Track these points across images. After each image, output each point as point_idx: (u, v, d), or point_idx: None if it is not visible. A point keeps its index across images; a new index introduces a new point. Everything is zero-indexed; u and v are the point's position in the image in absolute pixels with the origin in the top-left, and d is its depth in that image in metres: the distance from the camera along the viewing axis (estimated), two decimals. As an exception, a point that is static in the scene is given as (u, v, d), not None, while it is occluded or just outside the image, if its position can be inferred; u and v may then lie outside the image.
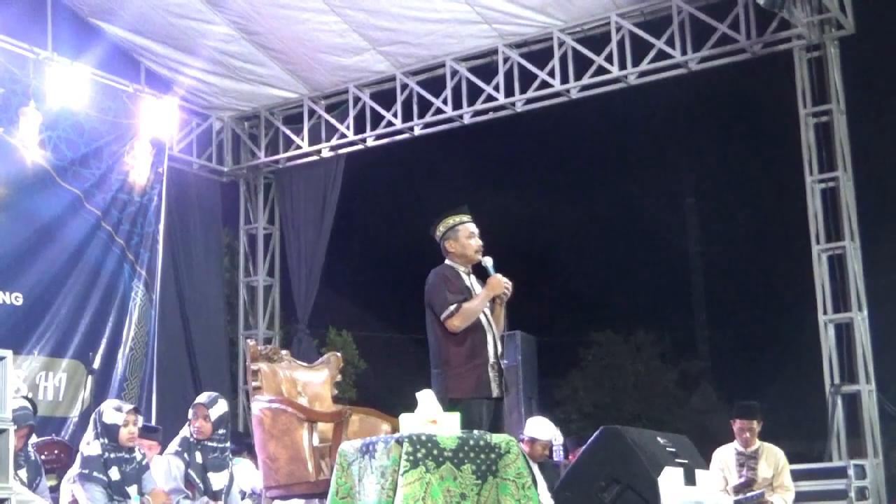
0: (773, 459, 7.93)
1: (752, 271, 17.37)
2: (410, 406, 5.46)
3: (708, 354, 23.44)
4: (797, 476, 8.10)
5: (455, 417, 5.19)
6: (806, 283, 9.46)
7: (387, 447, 4.92)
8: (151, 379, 10.57)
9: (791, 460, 8.58)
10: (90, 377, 9.37)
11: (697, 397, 21.81)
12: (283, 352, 6.62)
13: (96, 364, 9.96)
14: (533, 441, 8.10)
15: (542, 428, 8.19)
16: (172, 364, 11.12)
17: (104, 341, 10.24)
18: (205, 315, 11.62)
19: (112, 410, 6.31)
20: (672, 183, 21.75)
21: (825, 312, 9.27)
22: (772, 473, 7.89)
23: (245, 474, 7.69)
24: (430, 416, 5.12)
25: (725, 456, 8.06)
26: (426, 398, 5.21)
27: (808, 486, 8.24)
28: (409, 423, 5.10)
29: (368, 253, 18.05)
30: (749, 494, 7.64)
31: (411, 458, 4.80)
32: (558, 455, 8.73)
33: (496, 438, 5.12)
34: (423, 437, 4.90)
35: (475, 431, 5.17)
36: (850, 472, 8.25)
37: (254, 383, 6.07)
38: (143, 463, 6.42)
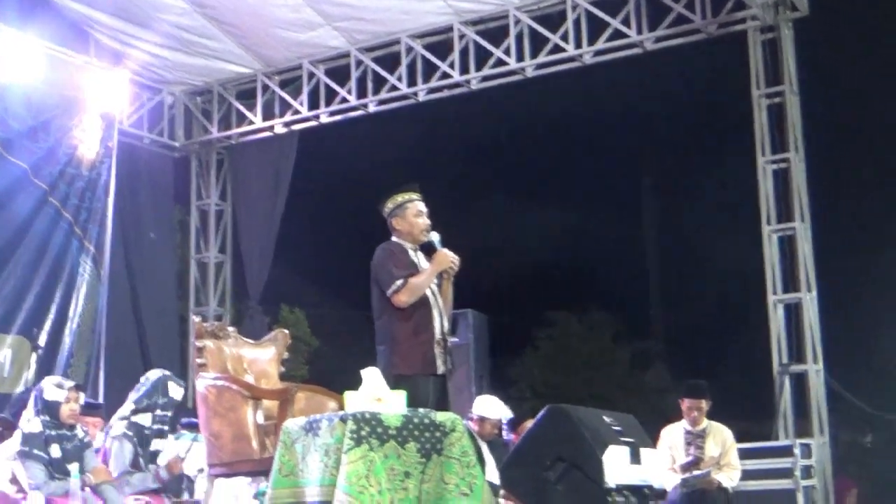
0: (720, 438, 7.98)
1: (707, 251, 17.45)
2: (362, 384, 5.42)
3: (662, 334, 23.58)
4: (744, 455, 8.16)
5: (400, 395, 5.15)
6: (758, 263, 9.51)
7: (331, 425, 4.88)
8: (99, 355, 10.43)
9: (741, 439, 8.66)
10: (35, 353, 9.23)
11: (651, 376, 21.93)
12: (230, 328, 6.54)
13: (42, 340, 9.83)
14: (482, 419, 8.09)
15: (491, 406, 8.18)
16: (121, 341, 10.99)
17: (51, 317, 10.08)
18: (155, 292, 11.49)
19: (53, 387, 6.22)
20: (629, 163, 21.78)
21: (775, 293, 9.33)
22: (719, 452, 7.94)
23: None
24: (374, 394, 5.08)
25: (673, 435, 8.11)
26: (371, 376, 5.17)
27: (754, 464, 8.30)
28: (354, 401, 5.06)
29: (322, 230, 17.96)
30: (695, 473, 7.68)
31: (355, 436, 4.77)
32: (508, 434, 8.73)
33: (441, 417, 5.09)
34: (368, 415, 4.86)
35: (420, 409, 5.14)
36: (797, 450, 8.31)
37: (199, 360, 5.99)
38: (85, 440, 6.35)
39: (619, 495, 5.63)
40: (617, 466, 5.60)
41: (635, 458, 5.79)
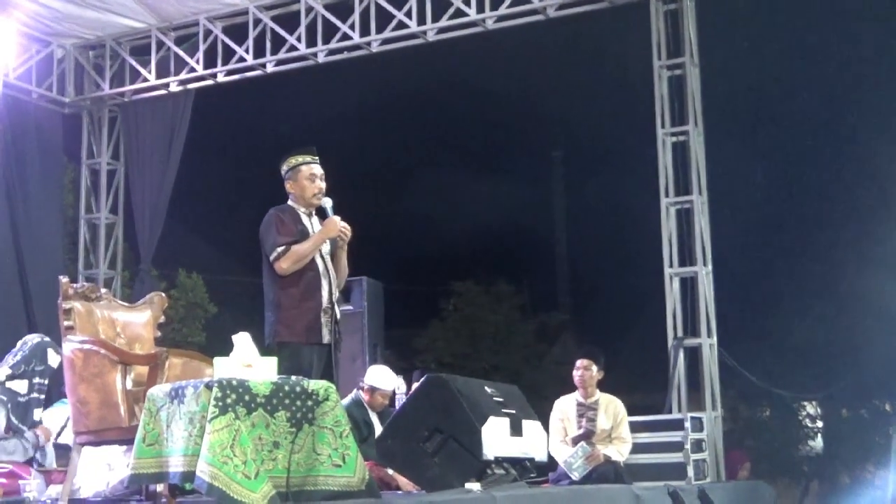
0: (612, 411, 7.98)
1: (612, 224, 17.50)
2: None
3: (569, 307, 23.68)
4: (636, 427, 8.15)
5: (272, 362, 4.96)
6: (658, 236, 9.47)
7: (196, 392, 4.68)
8: (-19, 317, 10.04)
9: (641, 412, 8.65)
10: None
11: (558, 349, 22.00)
12: (103, 290, 6.28)
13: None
14: (373, 390, 7.94)
15: (383, 377, 8.02)
16: (4, 302, 10.59)
17: (-72, 276, 9.68)
18: (41, 252, 11.04)
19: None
20: (538, 135, 21.75)
21: (671, 266, 9.31)
22: (610, 425, 7.93)
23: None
24: (244, 360, 4.88)
25: (566, 406, 8.08)
26: (242, 341, 4.96)
27: (646, 437, 8.28)
28: (223, 367, 4.85)
29: (222, 194, 17.61)
30: (576, 449, 7.63)
31: (220, 403, 4.56)
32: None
33: (314, 385, 4.92)
34: (235, 382, 4.66)
35: (292, 377, 4.96)
36: (687, 424, 8.30)
37: (65, 322, 5.72)
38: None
39: (498, 467, 5.51)
40: (496, 438, 5.48)
41: (516, 430, 5.67)
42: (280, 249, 5.75)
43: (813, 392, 13.11)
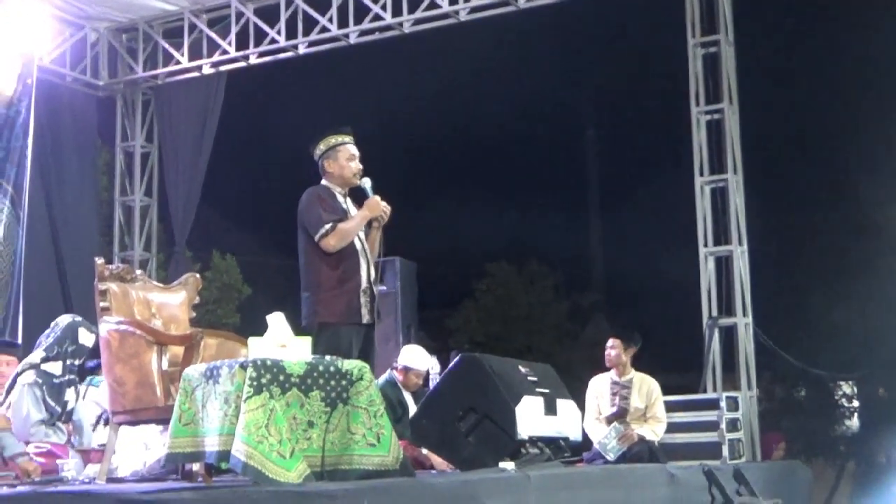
0: (645, 390, 7.95)
1: (647, 203, 17.40)
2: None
3: (602, 287, 23.61)
4: (671, 407, 8.13)
5: (306, 342, 4.97)
6: (692, 215, 9.41)
7: (231, 372, 4.70)
8: (18, 299, 10.08)
9: (674, 392, 8.63)
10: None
11: (591, 329, 21.95)
12: (139, 272, 6.33)
13: (-43, 283, 9.52)
14: (407, 370, 7.95)
15: (416, 357, 8.03)
16: (42, 285, 10.64)
17: (-34, 259, 9.77)
18: (77, 234, 11.14)
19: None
20: (572, 114, 21.64)
21: (706, 245, 9.25)
22: (644, 404, 7.90)
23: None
24: (279, 341, 4.89)
25: (600, 385, 8.06)
26: (277, 321, 4.98)
27: (681, 417, 8.28)
28: (257, 348, 4.88)
29: (256, 176, 17.66)
30: (609, 430, 7.62)
31: (255, 383, 4.58)
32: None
33: (348, 364, 4.93)
34: (269, 362, 4.68)
35: (326, 357, 4.97)
36: (723, 403, 8.27)
37: (101, 304, 5.77)
38: (-20, 386, 6.10)
39: (532, 447, 5.51)
40: (531, 417, 5.47)
41: (550, 410, 5.66)
42: (328, 227, 5.75)
43: (850, 372, 12.99)
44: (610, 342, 8.00)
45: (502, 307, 19.95)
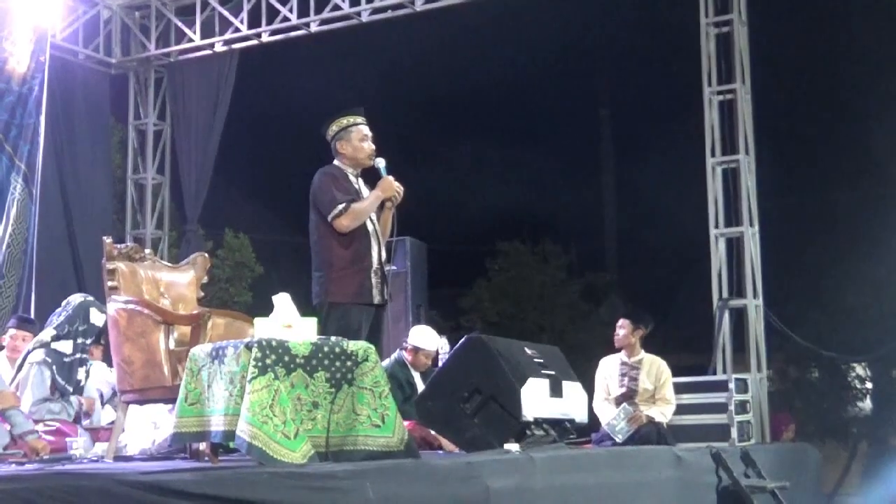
0: (654, 371, 7.94)
1: (661, 183, 17.31)
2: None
3: (616, 267, 23.50)
4: (680, 388, 8.12)
5: (311, 323, 4.99)
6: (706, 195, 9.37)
7: (236, 352, 4.73)
8: (31, 277, 10.12)
9: (687, 373, 8.62)
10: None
11: (605, 309, 21.89)
12: (147, 251, 6.36)
13: (-31, 261, 9.57)
14: (416, 350, 7.94)
15: (426, 337, 8.02)
16: (54, 262, 10.69)
17: (-21, 237, 9.81)
18: (90, 212, 11.17)
19: (-44, 311, 6.00)
20: (585, 93, 21.48)
21: (717, 226, 9.22)
22: (653, 385, 7.89)
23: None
24: (284, 321, 4.91)
25: (610, 365, 8.07)
26: (283, 302, 4.99)
27: (690, 398, 8.27)
28: (263, 328, 4.90)
29: (269, 154, 17.63)
30: (618, 411, 7.62)
31: (260, 364, 4.61)
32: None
33: (353, 346, 4.94)
34: (274, 343, 4.70)
35: (332, 338, 4.99)
36: (731, 385, 8.26)
37: (109, 283, 5.81)
38: (-9, 364, 6.14)
39: (537, 428, 5.51)
40: (536, 399, 5.47)
41: (556, 391, 5.66)
42: (341, 207, 5.76)
43: (862, 353, 12.94)
44: (619, 322, 8.01)
45: (515, 286, 19.85)
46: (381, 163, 5.96)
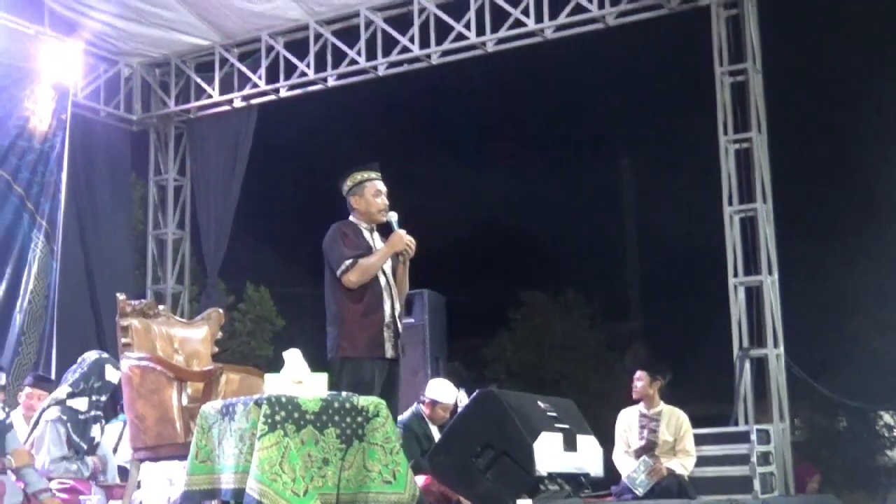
0: (674, 423, 7.84)
1: (682, 232, 17.28)
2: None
3: (640, 315, 23.40)
4: (701, 440, 8.01)
5: (322, 378, 4.96)
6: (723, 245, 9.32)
7: (246, 409, 4.70)
8: (52, 333, 10.20)
9: (711, 423, 8.52)
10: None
11: (629, 359, 21.75)
12: (161, 307, 6.35)
13: (-9, 318, 9.63)
14: (434, 403, 7.89)
15: (443, 390, 7.98)
16: (75, 318, 10.75)
17: (0, 294, 9.86)
18: (111, 268, 11.23)
19: (-28, 368, 6.02)
20: (606, 143, 21.57)
21: (735, 275, 9.16)
22: (673, 437, 7.79)
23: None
24: (294, 377, 4.89)
25: (629, 417, 7.98)
26: (293, 357, 4.98)
27: (711, 450, 8.15)
28: (273, 384, 4.87)
29: (289, 208, 17.74)
30: (638, 464, 7.53)
31: (269, 420, 4.58)
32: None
33: (364, 401, 4.91)
34: (284, 399, 4.67)
35: (342, 393, 4.96)
36: (753, 436, 8.14)
37: (123, 339, 5.80)
38: (7, 422, 6.14)
39: (551, 483, 5.45)
40: (549, 453, 5.41)
41: (570, 445, 5.60)
42: (348, 262, 5.76)
43: (891, 401, 12.79)
44: (637, 374, 7.93)
45: (538, 336, 19.81)
46: (393, 217, 5.97)
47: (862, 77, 12.74)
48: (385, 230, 6.04)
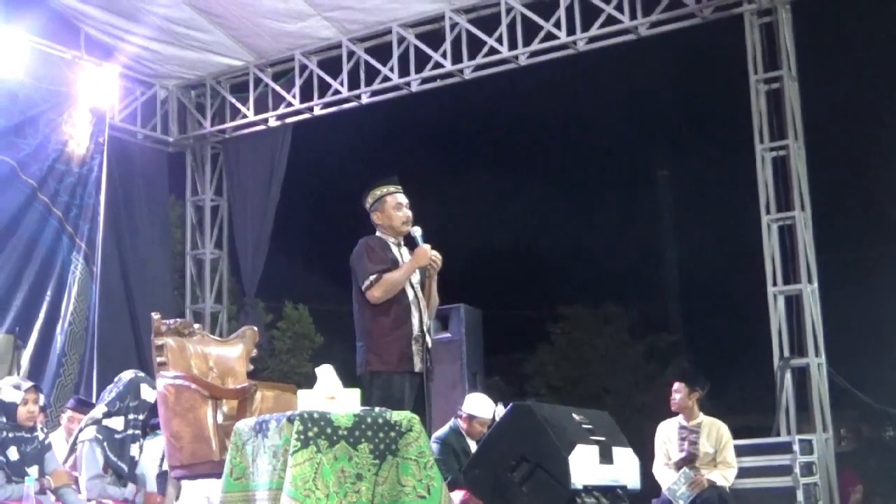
0: (714, 434, 7.73)
1: (721, 242, 17.18)
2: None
3: (680, 327, 23.25)
4: (742, 451, 7.91)
5: (355, 394, 4.95)
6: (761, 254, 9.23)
7: (279, 426, 4.70)
8: (92, 354, 10.30)
9: (755, 434, 8.40)
10: (17, 352, 9.09)
11: (671, 371, 21.58)
12: (196, 326, 6.38)
13: (33, 339, 9.71)
14: (471, 418, 7.85)
15: (480, 404, 7.93)
16: (115, 339, 10.84)
17: (41, 316, 9.95)
18: (150, 288, 11.33)
19: (10, 388, 6.06)
20: (644, 155, 21.50)
21: (775, 284, 9.06)
22: (713, 449, 7.69)
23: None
24: (327, 393, 4.89)
25: (668, 430, 7.89)
26: (325, 373, 4.97)
27: (752, 461, 8.05)
28: (306, 400, 4.87)
29: (325, 226, 17.82)
30: (679, 476, 7.45)
31: (302, 437, 4.57)
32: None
33: (397, 416, 4.89)
34: (316, 415, 4.66)
35: (375, 409, 4.94)
36: (796, 447, 8.03)
37: (158, 359, 5.83)
38: (45, 442, 6.18)
39: (588, 496, 5.40)
40: (585, 466, 5.37)
41: (606, 458, 5.55)
42: (373, 278, 5.77)
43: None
44: (675, 386, 7.84)
45: (578, 350, 19.76)
46: (417, 231, 5.95)
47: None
48: (412, 244, 6.03)
